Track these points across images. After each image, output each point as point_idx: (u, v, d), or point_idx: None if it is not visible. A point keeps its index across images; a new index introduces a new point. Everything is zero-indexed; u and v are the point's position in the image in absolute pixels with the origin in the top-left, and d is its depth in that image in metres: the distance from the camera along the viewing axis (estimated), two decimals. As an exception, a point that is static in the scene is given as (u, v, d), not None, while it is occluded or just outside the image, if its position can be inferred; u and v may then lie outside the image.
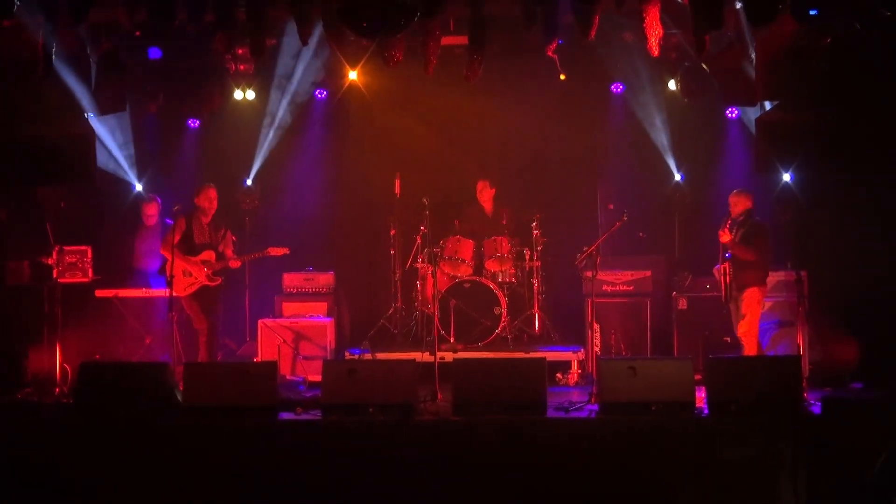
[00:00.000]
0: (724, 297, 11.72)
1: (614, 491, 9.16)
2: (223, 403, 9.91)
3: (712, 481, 9.11)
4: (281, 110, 14.16)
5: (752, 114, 13.29)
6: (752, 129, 13.25)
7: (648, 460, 9.28)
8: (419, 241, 13.31)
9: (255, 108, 14.03)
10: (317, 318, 13.00)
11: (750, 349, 11.44)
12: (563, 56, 12.14)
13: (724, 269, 11.61)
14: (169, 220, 12.98)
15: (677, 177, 14.07)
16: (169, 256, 11.67)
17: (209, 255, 12.07)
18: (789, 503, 9.01)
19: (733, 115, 13.79)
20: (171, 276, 11.40)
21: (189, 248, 12.00)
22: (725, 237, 11.45)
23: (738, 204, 11.77)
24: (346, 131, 14.63)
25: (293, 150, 14.59)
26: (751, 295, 11.53)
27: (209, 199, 12.15)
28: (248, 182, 14.36)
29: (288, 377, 12.30)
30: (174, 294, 11.46)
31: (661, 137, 13.96)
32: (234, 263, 12.21)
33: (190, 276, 11.92)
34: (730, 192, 12.00)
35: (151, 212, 13.19)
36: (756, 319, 11.59)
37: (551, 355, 12.30)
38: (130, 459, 9.46)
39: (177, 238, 11.71)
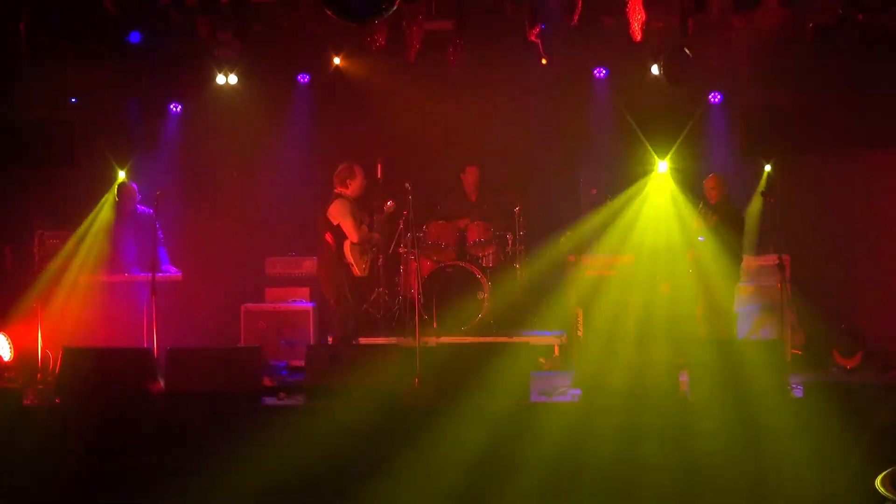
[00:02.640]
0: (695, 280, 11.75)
1: (598, 474, 9.10)
2: (206, 389, 9.90)
3: (695, 463, 9.07)
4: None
5: (736, 98, 13.38)
6: (735, 113, 13.34)
7: (632, 443, 9.25)
8: (402, 226, 13.27)
9: (239, 93, 13.94)
10: (300, 303, 13.04)
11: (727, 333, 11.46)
12: (546, 41, 12.08)
13: (695, 253, 11.64)
14: (141, 207, 12.89)
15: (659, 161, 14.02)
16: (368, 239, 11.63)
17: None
18: (774, 483, 9.02)
19: (716, 99, 13.82)
20: (156, 261, 11.41)
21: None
22: (699, 221, 11.47)
23: (716, 188, 11.77)
24: (329, 115, 14.51)
25: (275, 134, 14.50)
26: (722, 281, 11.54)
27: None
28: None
29: (271, 362, 12.19)
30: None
31: (644, 122, 13.89)
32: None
33: (366, 252, 11.90)
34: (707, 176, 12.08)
35: (126, 198, 13.07)
36: (731, 304, 11.59)
37: (534, 339, 12.36)
38: (113, 444, 9.42)
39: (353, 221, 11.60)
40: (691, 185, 13.15)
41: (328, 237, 11.77)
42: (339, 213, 11.67)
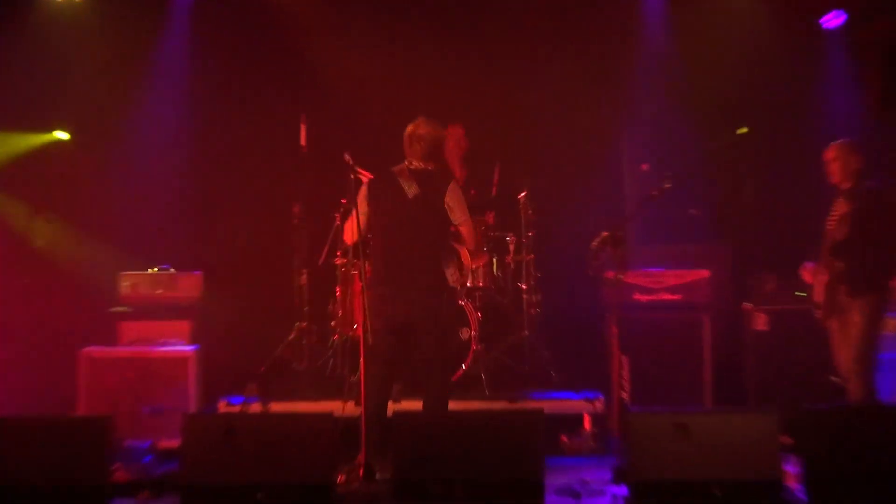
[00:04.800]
0: (820, 309, 11.20)
1: None
2: (26, 482, 9.23)
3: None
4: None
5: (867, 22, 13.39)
6: (866, 45, 13.32)
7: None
8: (338, 223, 12.66)
9: (82, 12, 13.82)
10: (173, 347, 12.68)
11: (858, 389, 10.95)
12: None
13: (827, 265, 11.02)
14: None
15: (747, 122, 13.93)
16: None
17: None
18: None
19: (835, 22, 13.63)
20: None
21: None
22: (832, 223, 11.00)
23: (843, 163, 11.14)
24: (224, 52, 14.36)
25: (138, 80, 14.27)
26: (868, 304, 10.93)
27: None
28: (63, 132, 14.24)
29: (127, 441, 11.80)
30: None
31: (724, 62, 13.73)
32: None
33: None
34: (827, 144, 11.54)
35: None
36: (875, 342, 11.03)
37: (551, 405, 11.89)
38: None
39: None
40: (798, 154, 12.96)
41: None
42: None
